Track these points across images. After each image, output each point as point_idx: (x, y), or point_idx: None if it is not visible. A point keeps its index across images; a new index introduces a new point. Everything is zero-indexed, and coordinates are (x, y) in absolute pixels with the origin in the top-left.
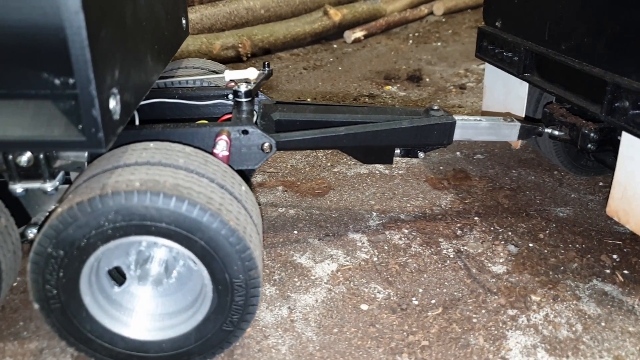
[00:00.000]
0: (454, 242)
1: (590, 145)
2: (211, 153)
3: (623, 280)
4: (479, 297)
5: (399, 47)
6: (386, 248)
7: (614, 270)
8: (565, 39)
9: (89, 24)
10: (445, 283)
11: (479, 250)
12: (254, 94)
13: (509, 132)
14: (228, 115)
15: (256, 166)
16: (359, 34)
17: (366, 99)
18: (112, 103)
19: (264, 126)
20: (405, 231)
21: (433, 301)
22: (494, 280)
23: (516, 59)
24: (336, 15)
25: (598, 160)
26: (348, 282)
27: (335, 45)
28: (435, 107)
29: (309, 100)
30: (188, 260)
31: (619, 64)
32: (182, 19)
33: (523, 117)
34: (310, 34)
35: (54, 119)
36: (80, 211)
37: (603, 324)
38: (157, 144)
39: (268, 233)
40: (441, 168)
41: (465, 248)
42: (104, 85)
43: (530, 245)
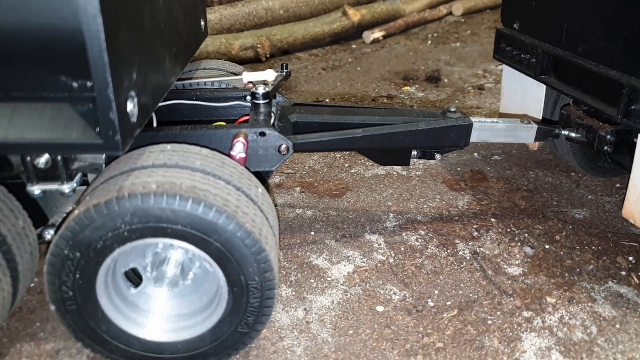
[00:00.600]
0: (470, 244)
1: (606, 147)
2: (228, 155)
3: (639, 282)
4: (494, 299)
5: (417, 48)
6: (402, 249)
7: (629, 272)
8: (582, 42)
9: (107, 28)
10: (461, 285)
11: (495, 252)
12: (271, 95)
13: (525, 134)
14: (246, 117)
15: (273, 168)
16: (377, 34)
17: (384, 100)
18: (130, 106)
19: (281, 128)
20: (422, 232)
21: (448, 303)
22: (509, 282)
23: (533, 60)
24: (355, 15)
25: (615, 161)
26: (364, 284)
27: (354, 46)
28: (452, 109)
29: (327, 101)
30: (204, 262)
31: (635, 66)
32: (201, 20)
33: (540, 119)
34: (329, 34)
35: (71, 121)
36: (96, 213)
37: (618, 326)
38: (174, 146)
39: (285, 234)
40: (458, 169)
41: (482, 249)
42: (122, 88)
43: (547, 246)
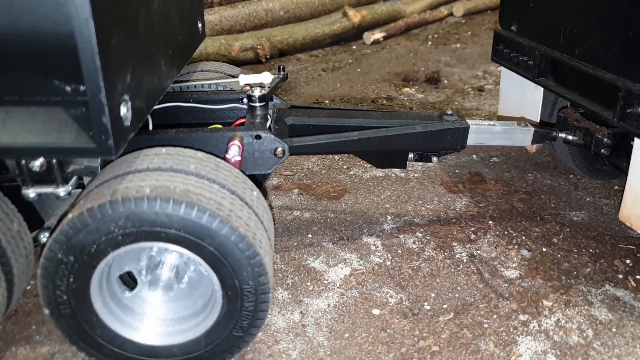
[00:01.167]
0: (467, 246)
1: (603, 150)
2: (224, 158)
3: (635, 285)
4: (490, 302)
5: (418, 49)
6: (400, 252)
7: (626, 275)
8: (579, 44)
9: (99, 32)
10: (458, 288)
11: (493, 255)
12: (268, 98)
13: (522, 137)
14: (242, 120)
15: (269, 171)
16: (378, 35)
17: (384, 101)
18: (123, 110)
19: (278, 131)
20: (420, 235)
21: (445, 306)
22: (506, 285)
23: (531, 63)
24: (355, 16)
25: (613, 164)
26: (361, 287)
27: (354, 47)
28: (449, 112)
29: (327, 102)
30: (199, 266)
31: (631, 70)
32: (198, 22)
33: (538, 122)
34: (330, 36)
35: (64, 125)
36: (90, 217)
37: (614, 329)
38: (169, 150)
39: (282, 236)
40: (457, 171)
41: (479, 252)
42: (115, 92)
43: (544, 249)
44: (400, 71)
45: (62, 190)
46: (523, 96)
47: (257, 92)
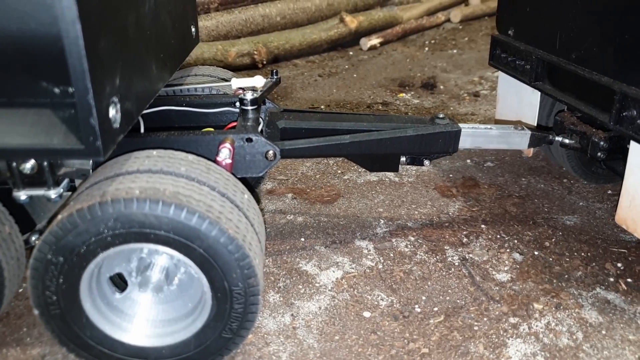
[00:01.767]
0: (459, 250)
1: (600, 154)
2: (214, 161)
3: (626, 288)
4: (481, 305)
5: (414, 55)
6: (392, 255)
7: (617, 278)
8: (576, 48)
9: (86, 34)
10: (449, 291)
11: (484, 258)
12: (260, 101)
13: (519, 141)
14: (234, 123)
15: (260, 174)
16: (375, 41)
17: (380, 107)
18: (112, 111)
19: (269, 134)
20: (412, 239)
21: (435, 309)
22: (497, 288)
23: (528, 67)
24: (352, 22)
25: (609, 167)
26: (352, 290)
27: (351, 52)
28: (441, 116)
29: (322, 107)
30: (189, 268)
31: (627, 73)
32: (192, 27)
33: (535, 125)
34: (326, 41)
35: (53, 127)
36: (79, 218)
37: (604, 332)
38: (160, 152)
39: (275, 240)
40: (451, 176)
41: (471, 256)
42: (103, 94)
43: (536, 253)
44: (397, 77)
45: (54, 193)
46: (520, 100)
47: (249, 96)
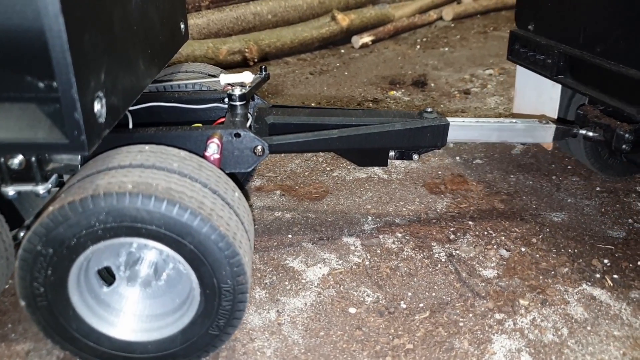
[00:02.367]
0: (446, 246)
1: (624, 146)
2: (202, 156)
3: (612, 284)
4: (467, 301)
5: (406, 52)
6: (379, 252)
7: (604, 274)
8: (601, 42)
9: (70, 28)
10: (435, 287)
11: (471, 255)
12: (248, 97)
13: (544, 134)
14: (223, 119)
15: (249, 169)
16: (366, 39)
17: (370, 104)
18: (97, 106)
19: (258, 129)
20: (399, 235)
21: (421, 305)
22: (483, 284)
23: (549, 61)
24: (344, 20)
25: (630, 160)
26: (338, 286)
27: (342, 50)
28: (429, 110)
29: (312, 104)
30: (177, 264)
31: None
32: (181, 23)
33: (555, 119)
34: (318, 39)
35: (38, 121)
36: (71, 210)
37: (589, 328)
38: (153, 147)
39: (263, 237)
40: (440, 173)
41: (458, 252)
42: (88, 88)
43: (523, 249)
44: (388, 74)
45: (42, 188)
46: (540, 94)
47: (237, 91)
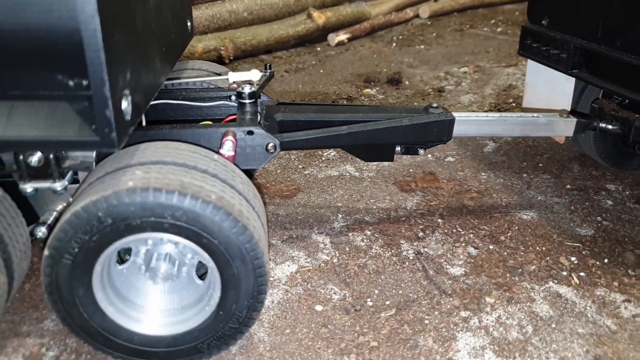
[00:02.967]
0: (415, 244)
1: None
2: (217, 153)
3: (578, 282)
4: (433, 299)
5: (382, 50)
6: (347, 249)
7: (570, 272)
8: (620, 36)
9: (104, 27)
10: (402, 284)
11: (439, 252)
12: (257, 95)
13: (565, 128)
14: (232, 117)
15: (260, 166)
16: (342, 36)
17: (344, 102)
18: (124, 104)
19: (268, 127)
20: (368, 233)
21: (387, 302)
22: (450, 282)
23: (564, 56)
24: (320, 18)
25: None
26: (305, 284)
27: (318, 48)
28: (435, 105)
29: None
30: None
31: None
32: (187, 20)
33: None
34: (294, 37)
35: (68, 119)
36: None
37: (554, 325)
38: (190, 147)
39: None
40: (411, 170)
41: (426, 250)
42: (117, 86)
43: (491, 247)
44: (363, 72)
45: (59, 185)
46: (552, 88)
47: (247, 89)
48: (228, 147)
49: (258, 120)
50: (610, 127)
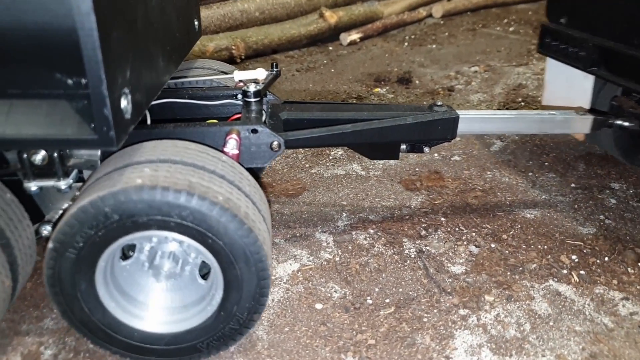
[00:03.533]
0: (417, 242)
1: None
2: (221, 151)
3: (578, 280)
4: (433, 297)
5: (393, 50)
6: (350, 248)
7: (571, 270)
8: (639, 34)
9: (100, 26)
10: (402, 283)
11: (441, 251)
12: (262, 94)
13: (582, 125)
14: (237, 115)
15: (265, 164)
16: (354, 36)
17: (354, 101)
18: (124, 102)
19: (273, 125)
20: (371, 231)
21: (387, 300)
22: (450, 280)
23: (583, 54)
24: (332, 17)
25: None
26: (307, 282)
27: (330, 48)
28: (439, 103)
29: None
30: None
31: None
32: (195, 20)
33: (587, 110)
34: (306, 36)
35: (66, 117)
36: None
37: (551, 323)
38: (198, 147)
39: None
40: (417, 169)
41: (428, 248)
42: (116, 85)
43: (492, 245)
44: (374, 72)
45: (64, 184)
46: (571, 86)
47: (252, 88)
48: (232, 145)
49: (263, 119)
50: (627, 124)
